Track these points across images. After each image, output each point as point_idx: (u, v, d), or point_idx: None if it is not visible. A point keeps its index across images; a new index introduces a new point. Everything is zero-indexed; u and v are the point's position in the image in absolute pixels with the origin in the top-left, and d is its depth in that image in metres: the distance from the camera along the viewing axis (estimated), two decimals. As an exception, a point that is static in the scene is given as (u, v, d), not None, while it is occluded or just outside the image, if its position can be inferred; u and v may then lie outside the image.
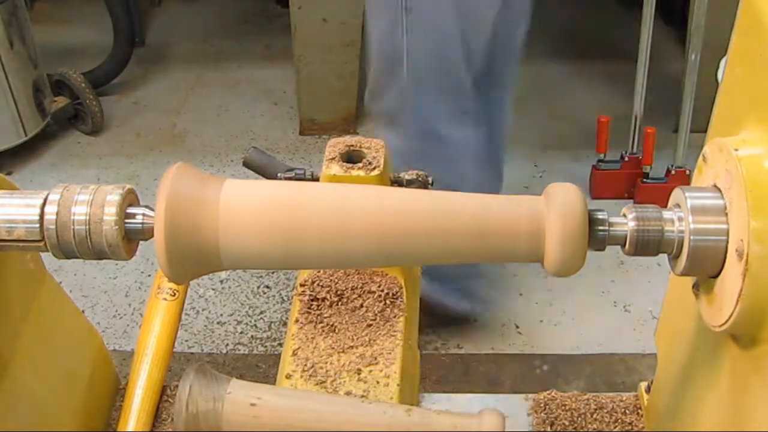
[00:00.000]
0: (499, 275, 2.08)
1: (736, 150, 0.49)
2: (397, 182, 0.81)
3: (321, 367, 0.78)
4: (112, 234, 0.53)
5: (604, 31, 3.19)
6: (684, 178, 2.39)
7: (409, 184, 0.81)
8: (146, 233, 0.54)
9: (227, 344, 2.16)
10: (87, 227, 0.53)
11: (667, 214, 0.53)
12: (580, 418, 0.84)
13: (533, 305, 2.04)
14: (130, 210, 0.55)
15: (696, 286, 0.55)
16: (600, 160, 2.37)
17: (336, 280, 0.83)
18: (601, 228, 0.53)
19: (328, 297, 0.82)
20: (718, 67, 1.89)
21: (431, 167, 0.86)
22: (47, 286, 0.73)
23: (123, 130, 3.02)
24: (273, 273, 2.35)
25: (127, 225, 0.54)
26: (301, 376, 0.77)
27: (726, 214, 0.50)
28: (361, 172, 0.75)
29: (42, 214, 0.53)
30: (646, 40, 2.15)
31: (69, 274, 2.31)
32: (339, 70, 2.61)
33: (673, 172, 2.43)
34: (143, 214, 0.55)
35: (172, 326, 0.85)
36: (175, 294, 0.85)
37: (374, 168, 0.75)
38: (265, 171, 0.83)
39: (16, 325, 0.67)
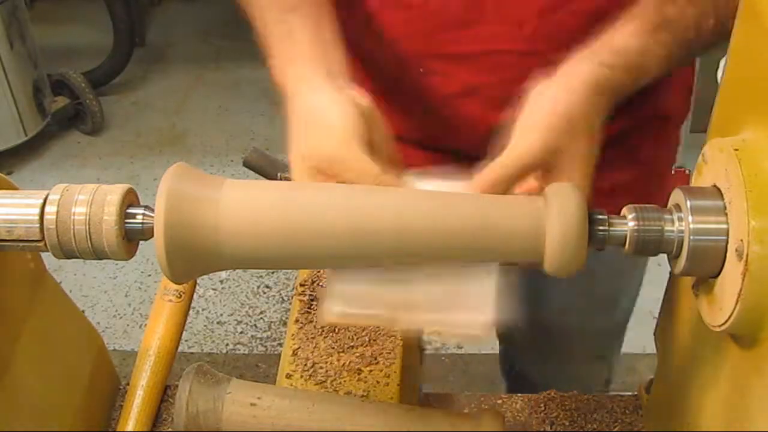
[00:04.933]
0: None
1: (736, 150, 0.49)
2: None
3: (321, 367, 0.78)
4: (111, 234, 0.53)
5: (604, 31, 3.19)
6: (684, 178, 2.39)
7: (409, 184, 0.81)
8: (146, 233, 0.54)
9: (227, 344, 2.16)
10: (87, 227, 0.53)
11: (666, 214, 0.53)
12: (580, 418, 0.84)
13: (533, 305, 2.04)
14: (130, 210, 0.54)
15: (696, 286, 0.55)
16: (600, 160, 2.37)
17: (336, 280, 0.83)
18: (600, 228, 0.53)
19: (328, 297, 0.82)
20: (718, 67, 1.89)
21: None
22: (47, 286, 0.73)
23: (123, 130, 3.02)
24: (273, 273, 2.35)
25: (127, 225, 0.54)
26: (301, 376, 0.77)
27: (726, 214, 0.50)
28: (361, 172, 0.75)
29: (42, 214, 0.53)
30: (646, 40, 2.15)
31: (69, 274, 2.31)
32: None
33: (672, 172, 2.43)
34: (143, 214, 0.54)
35: (176, 328, 0.85)
36: (180, 296, 0.85)
37: (374, 168, 0.75)
38: (265, 171, 0.83)
39: (16, 325, 0.67)
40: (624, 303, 1.11)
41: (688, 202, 0.51)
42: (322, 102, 0.62)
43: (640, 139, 0.89)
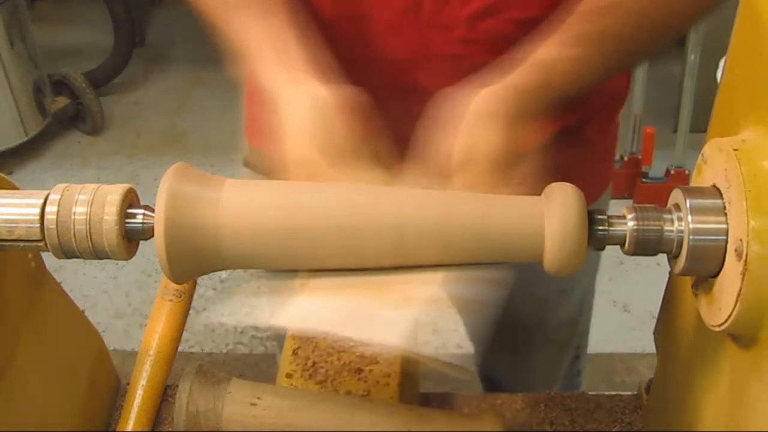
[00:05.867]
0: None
1: (736, 150, 0.49)
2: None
3: (321, 367, 0.78)
4: (112, 234, 0.53)
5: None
6: (683, 178, 2.39)
7: (409, 184, 0.81)
8: (146, 233, 0.54)
9: (227, 344, 2.16)
10: (87, 227, 0.53)
11: (666, 213, 0.53)
12: (580, 418, 0.84)
13: (533, 305, 2.04)
14: (131, 210, 0.55)
15: (695, 286, 0.55)
16: (600, 160, 2.37)
17: (336, 280, 0.83)
18: (600, 228, 0.53)
19: (328, 297, 0.82)
20: (717, 67, 1.89)
21: None
22: (47, 286, 0.73)
23: (123, 130, 3.02)
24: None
25: (127, 225, 0.54)
26: (301, 376, 0.77)
27: (725, 214, 0.50)
28: (361, 172, 0.75)
29: (42, 214, 0.53)
30: (646, 40, 2.15)
31: (69, 274, 2.31)
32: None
33: (672, 172, 2.43)
34: (143, 214, 0.55)
35: (176, 328, 0.85)
36: (180, 296, 0.85)
37: (374, 168, 0.75)
38: (265, 171, 0.83)
39: (16, 325, 0.67)
40: (576, 295, 1.12)
41: (688, 202, 0.51)
42: (309, 99, 0.64)
43: (590, 126, 0.91)
